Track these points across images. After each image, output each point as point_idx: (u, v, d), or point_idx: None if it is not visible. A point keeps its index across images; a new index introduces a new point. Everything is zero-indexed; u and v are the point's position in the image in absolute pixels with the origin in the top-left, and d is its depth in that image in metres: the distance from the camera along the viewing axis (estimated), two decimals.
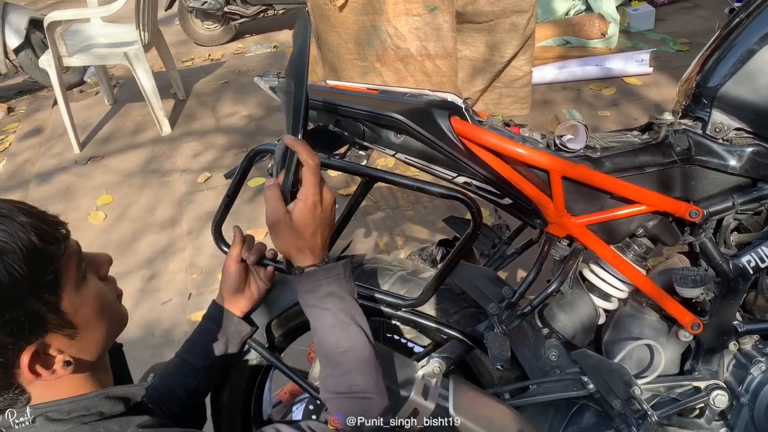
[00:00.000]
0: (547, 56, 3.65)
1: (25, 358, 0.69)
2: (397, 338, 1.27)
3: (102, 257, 0.83)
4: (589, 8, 3.96)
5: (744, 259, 1.10)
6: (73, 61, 3.54)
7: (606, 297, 1.19)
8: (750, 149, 1.05)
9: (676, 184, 1.07)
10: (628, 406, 1.12)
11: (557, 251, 1.13)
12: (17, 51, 4.14)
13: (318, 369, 1.02)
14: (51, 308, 0.70)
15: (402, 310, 1.12)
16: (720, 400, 1.16)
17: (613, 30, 3.73)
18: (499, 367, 1.05)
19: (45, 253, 0.70)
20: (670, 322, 1.19)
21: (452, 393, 1.08)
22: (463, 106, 1.02)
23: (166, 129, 3.70)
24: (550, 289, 1.10)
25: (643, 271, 1.13)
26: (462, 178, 1.04)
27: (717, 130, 1.06)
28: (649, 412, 1.11)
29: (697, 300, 1.14)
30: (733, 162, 1.05)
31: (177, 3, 4.74)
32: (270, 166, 1.00)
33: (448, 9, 2.71)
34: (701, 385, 1.17)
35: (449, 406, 1.06)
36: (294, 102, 0.89)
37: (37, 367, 0.70)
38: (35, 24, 4.13)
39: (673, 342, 1.19)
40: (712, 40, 1.12)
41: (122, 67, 3.79)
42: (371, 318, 1.14)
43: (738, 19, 1.08)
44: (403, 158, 1.06)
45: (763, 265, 1.10)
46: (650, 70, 3.49)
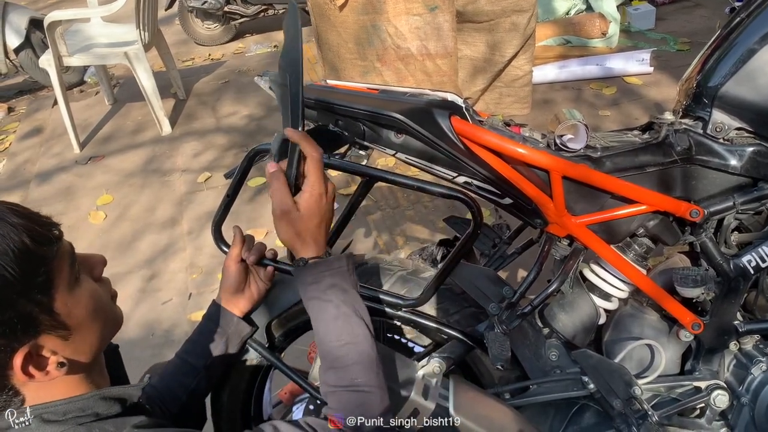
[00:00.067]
0: (547, 56, 3.65)
1: (17, 359, 0.68)
2: (398, 338, 1.27)
3: (95, 258, 0.83)
4: (589, 8, 3.95)
5: (745, 259, 1.10)
6: (74, 61, 3.54)
7: (606, 297, 1.19)
8: (751, 149, 1.05)
9: (677, 183, 1.07)
10: (628, 406, 1.12)
11: (558, 251, 1.13)
12: (17, 51, 4.14)
13: (318, 369, 1.01)
14: (43, 309, 0.70)
15: (402, 310, 1.12)
16: (720, 400, 1.16)
17: (614, 29, 3.73)
18: (500, 367, 1.05)
19: (37, 254, 0.69)
20: (671, 322, 1.19)
21: (452, 393, 1.08)
22: (463, 105, 1.02)
23: (166, 129, 3.70)
24: (550, 289, 1.10)
25: (644, 271, 1.13)
26: (462, 178, 1.04)
27: (718, 130, 1.05)
28: (650, 412, 1.11)
29: (697, 300, 1.14)
30: (733, 162, 1.05)
31: (177, 3, 4.74)
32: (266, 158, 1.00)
33: (449, 8, 2.71)
34: (702, 385, 1.17)
35: (449, 406, 1.06)
36: (291, 93, 0.88)
37: (30, 369, 0.70)
38: (35, 24, 4.13)
39: (674, 342, 1.19)
40: (712, 39, 1.12)
41: (122, 66, 3.79)
42: (372, 318, 1.14)
43: (739, 18, 1.08)
44: (403, 158, 1.06)
45: (763, 265, 1.09)
46: (651, 69, 3.48)
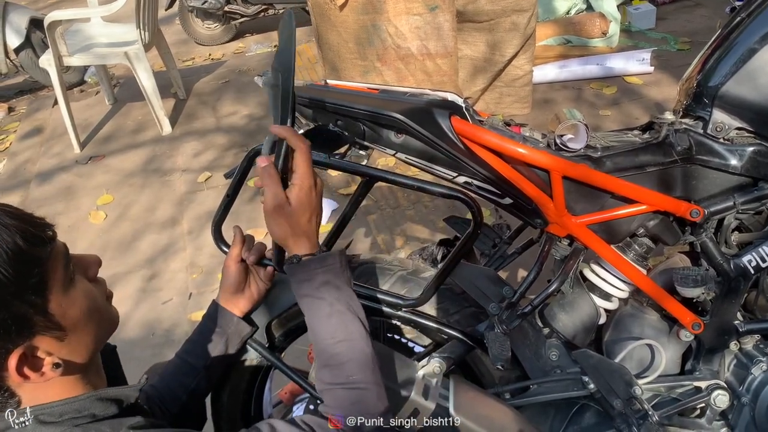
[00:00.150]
0: (547, 55, 3.65)
1: (12, 360, 0.68)
2: (398, 338, 1.27)
3: (90, 259, 0.82)
4: (590, 7, 3.95)
5: (745, 259, 1.10)
6: (74, 61, 3.54)
7: (607, 297, 1.19)
8: (751, 148, 1.05)
9: (677, 183, 1.07)
10: (628, 406, 1.12)
11: (558, 251, 1.13)
12: (18, 51, 4.14)
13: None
14: (38, 310, 0.70)
15: (402, 309, 1.12)
16: (721, 400, 1.16)
17: (614, 29, 3.72)
18: (500, 367, 1.05)
19: (31, 255, 0.69)
20: (671, 321, 1.19)
21: (453, 393, 1.08)
22: (463, 105, 1.02)
23: (166, 128, 3.70)
24: (550, 289, 1.10)
25: (644, 271, 1.13)
26: (462, 178, 1.04)
27: (718, 130, 1.05)
28: (650, 412, 1.11)
29: (697, 300, 1.14)
30: (734, 161, 1.05)
31: (177, 2, 4.73)
32: None
33: (449, 8, 2.71)
34: (702, 384, 1.17)
35: (450, 406, 1.06)
36: (281, 91, 0.89)
37: (25, 370, 0.69)
38: (36, 24, 4.13)
39: (674, 342, 1.18)
40: (713, 39, 1.12)
41: (123, 66, 3.79)
42: (372, 318, 1.14)
43: (739, 18, 1.08)
44: (403, 158, 1.06)
45: (764, 265, 1.09)
46: (651, 69, 3.48)
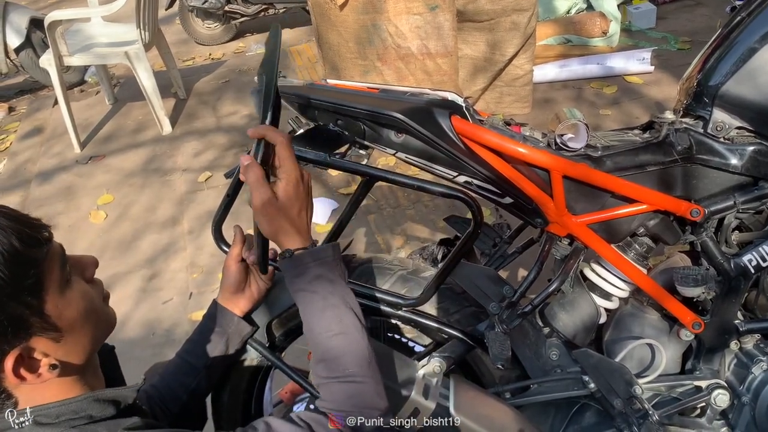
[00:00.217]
0: (548, 55, 3.65)
1: (8, 362, 0.68)
2: (398, 337, 1.27)
3: (87, 259, 0.82)
4: (590, 6, 3.95)
5: (745, 258, 1.10)
6: (74, 61, 3.54)
7: (607, 296, 1.18)
8: (751, 148, 1.05)
9: (677, 183, 1.07)
10: (629, 406, 1.12)
11: (558, 250, 1.13)
12: (18, 50, 4.14)
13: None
14: (34, 311, 0.70)
15: (402, 309, 1.12)
16: (721, 399, 1.15)
17: (615, 28, 3.72)
18: (500, 367, 1.04)
19: (27, 257, 0.69)
20: (671, 321, 1.19)
21: (453, 392, 1.08)
22: (463, 105, 1.02)
23: (166, 128, 3.70)
24: (551, 289, 1.10)
25: (644, 270, 1.13)
26: (463, 178, 1.04)
27: (718, 129, 1.05)
28: (650, 412, 1.11)
29: (698, 299, 1.14)
30: (734, 161, 1.05)
31: (177, 2, 4.73)
32: None
33: (449, 7, 2.71)
34: (702, 384, 1.17)
35: (450, 406, 1.06)
36: (264, 92, 0.90)
37: (22, 371, 0.69)
38: (36, 23, 4.13)
39: (675, 341, 1.18)
40: (713, 38, 1.12)
41: (123, 66, 3.79)
42: (372, 317, 1.14)
43: (739, 17, 1.08)
44: (403, 157, 1.06)
45: (764, 264, 1.09)
46: (651, 68, 3.48)
